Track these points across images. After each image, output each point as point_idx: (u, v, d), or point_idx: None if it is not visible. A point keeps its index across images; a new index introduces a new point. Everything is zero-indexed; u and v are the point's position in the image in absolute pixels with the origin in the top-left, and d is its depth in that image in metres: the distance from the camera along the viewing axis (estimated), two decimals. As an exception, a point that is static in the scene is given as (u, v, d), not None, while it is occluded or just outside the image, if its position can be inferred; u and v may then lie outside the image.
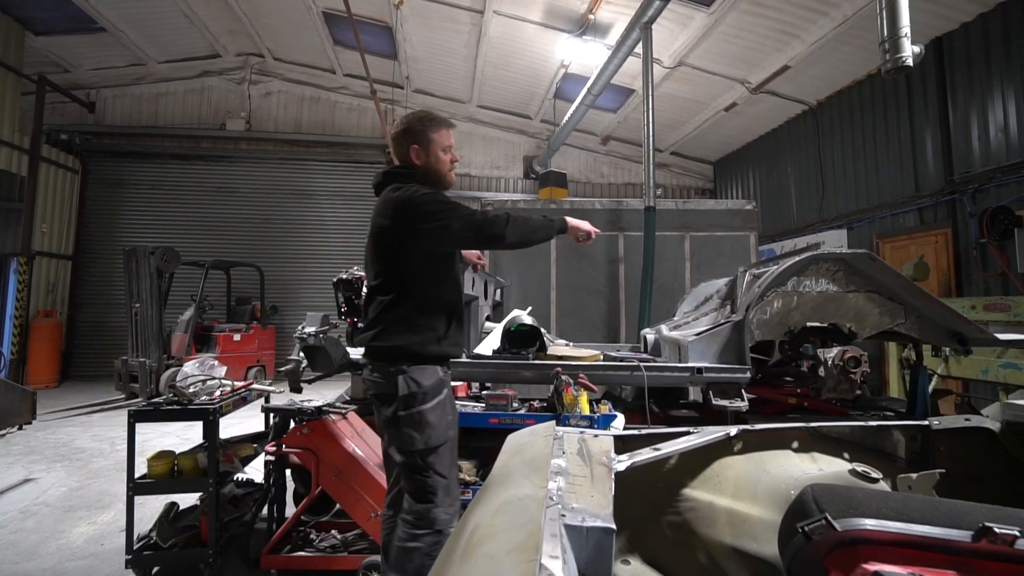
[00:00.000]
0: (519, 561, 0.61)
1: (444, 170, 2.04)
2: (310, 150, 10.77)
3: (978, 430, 1.22)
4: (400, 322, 1.86)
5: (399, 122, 2.05)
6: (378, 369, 1.87)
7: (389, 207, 1.87)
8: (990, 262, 5.74)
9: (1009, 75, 5.65)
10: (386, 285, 1.90)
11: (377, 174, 2.07)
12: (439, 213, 1.83)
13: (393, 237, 1.86)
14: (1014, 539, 0.70)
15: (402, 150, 2.01)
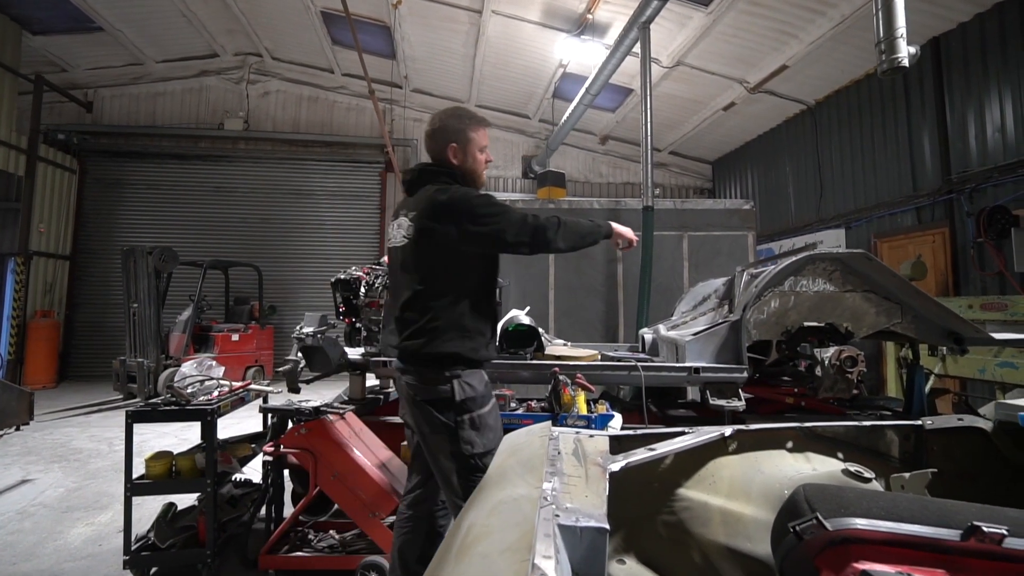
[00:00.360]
0: (512, 561, 0.61)
1: (480, 170, 2.00)
2: (308, 150, 10.77)
3: (971, 430, 1.23)
4: (454, 328, 1.82)
5: (436, 118, 1.98)
6: (429, 375, 1.82)
7: (438, 209, 1.81)
8: (987, 261, 5.76)
9: (1006, 75, 5.66)
10: (435, 289, 1.84)
11: (411, 171, 2.00)
12: (493, 216, 1.80)
13: (443, 239, 1.81)
14: (1002, 538, 0.71)
15: (437, 148, 1.95)
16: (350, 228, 10.83)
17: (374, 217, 10.91)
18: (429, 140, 1.96)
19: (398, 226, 1.96)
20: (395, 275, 2.00)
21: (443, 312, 1.82)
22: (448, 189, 1.85)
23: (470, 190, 1.89)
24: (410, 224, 1.88)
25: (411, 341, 1.84)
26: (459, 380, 1.80)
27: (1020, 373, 4.54)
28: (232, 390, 2.99)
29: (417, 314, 1.85)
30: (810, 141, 8.67)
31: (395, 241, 1.97)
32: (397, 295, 1.97)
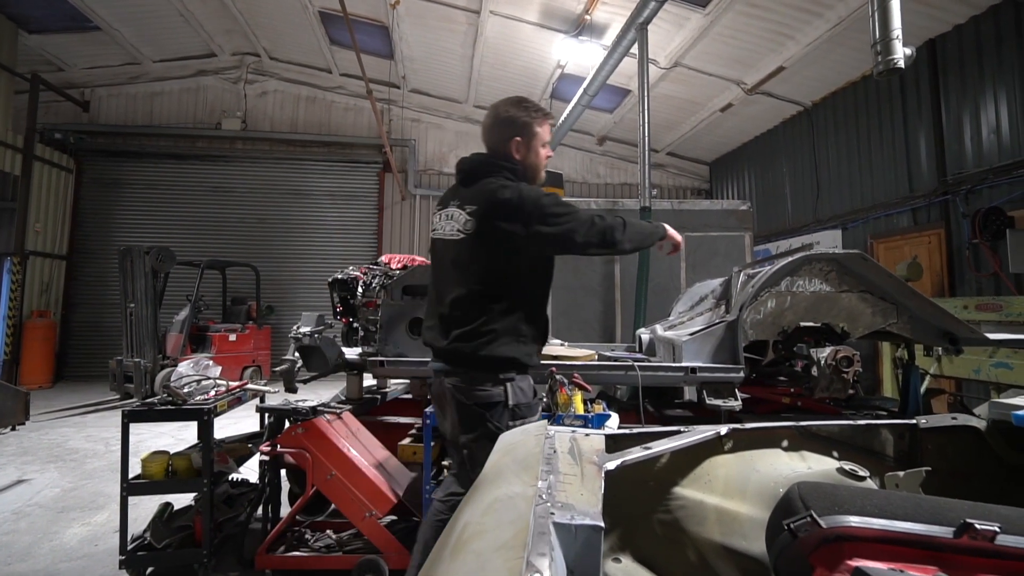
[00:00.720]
0: (507, 558, 0.61)
1: (542, 166, 1.93)
2: (306, 150, 10.76)
3: (965, 429, 1.23)
4: (511, 332, 1.76)
5: (500, 108, 1.88)
6: (481, 378, 1.75)
7: (505, 207, 1.72)
8: (982, 262, 5.79)
9: (1001, 77, 5.69)
10: (493, 291, 1.76)
11: (469, 161, 1.89)
12: (564, 216, 1.73)
13: (508, 239, 1.72)
14: (994, 535, 0.72)
15: (499, 140, 1.85)
16: (348, 228, 10.83)
17: (372, 217, 10.91)
18: (490, 131, 1.88)
19: (448, 217, 1.85)
20: (443, 269, 1.88)
21: (500, 316, 1.75)
22: (514, 187, 1.76)
23: (537, 189, 1.81)
24: (468, 219, 1.77)
25: (464, 343, 1.75)
26: (512, 384, 1.76)
27: (1015, 373, 4.56)
28: (229, 390, 2.98)
29: (471, 315, 1.76)
30: (807, 142, 8.69)
31: (444, 233, 1.85)
32: (444, 291, 1.85)
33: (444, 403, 1.87)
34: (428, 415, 2.56)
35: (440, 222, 1.91)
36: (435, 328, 1.87)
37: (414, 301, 3.06)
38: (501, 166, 1.82)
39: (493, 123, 1.87)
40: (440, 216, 1.92)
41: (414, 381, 3.04)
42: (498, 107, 1.89)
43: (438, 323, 1.86)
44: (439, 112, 11.15)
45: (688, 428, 1.23)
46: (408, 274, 3.10)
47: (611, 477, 1.02)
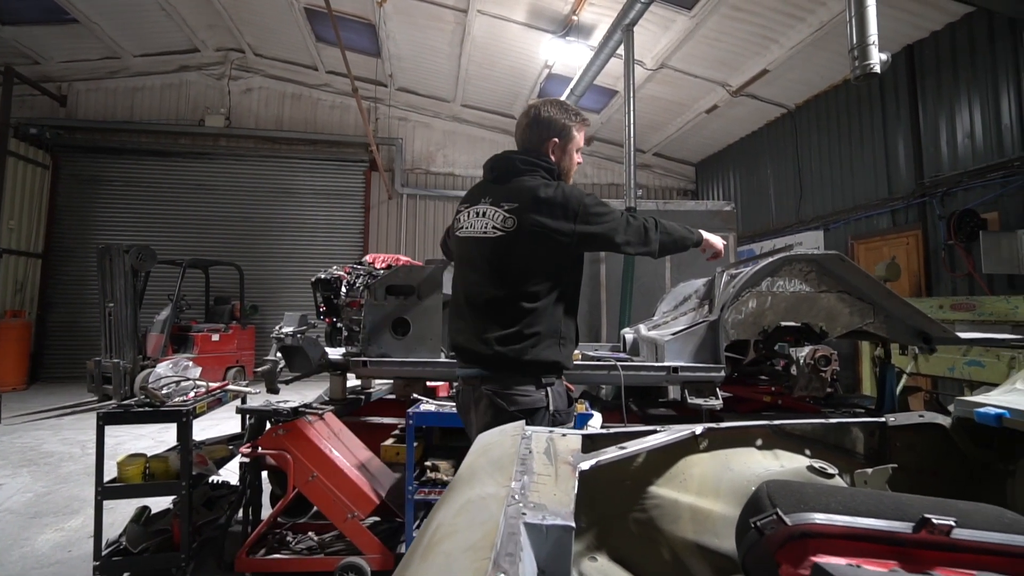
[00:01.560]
0: (474, 559, 0.62)
1: (574, 170, 1.92)
2: (292, 148, 10.65)
3: (931, 426, 1.26)
4: (553, 334, 1.72)
5: (540, 108, 1.84)
6: (522, 382, 1.69)
7: (550, 206, 1.68)
8: (957, 263, 5.93)
9: (975, 83, 5.83)
10: (533, 291, 1.71)
11: (503, 159, 1.84)
12: (606, 215, 1.73)
13: (552, 238, 1.68)
14: (950, 529, 0.74)
15: (536, 140, 1.83)
16: (334, 227, 10.74)
17: (358, 216, 10.83)
18: (527, 130, 1.85)
19: (480, 215, 1.78)
20: (475, 269, 1.81)
21: (542, 317, 1.71)
22: (556, 185, 1.75)
23: (578, 188, 1.79)
24: (508, 216, 1.71)
25: (508, 347, 1.68)
26: (552, 388, 1.72)
27: (987, 371, 4.67)
28: (209, 391, 2.94)
29: (513, 317, 1.70)
30: (790, 144, 8.82)
31: (475, 231, 1.79)
32: (477, 291, 1.78)
33: (477, 411, 1.77)
34: (411, 415, 2.56)
35: (468, 219, 1.83)
36: (467, 331, 1.79)
37: (398, 301, 3.04)
38: (538, 165, 1.79)
39: (531, 122, 1.84)
40: (468, 214, 1.83)
41: (397, 382, 3.02)
42: (539, 107, 1.85)
43: (472, 325, 1.78)
44: (427, 111, 11.10)
45: (664, 428, 1.24)
46: (392, 274, 3.09)
47: (588, 477, 1.03)
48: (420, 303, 3.03)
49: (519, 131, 1.89)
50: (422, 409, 2.61)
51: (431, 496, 2.50)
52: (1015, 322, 4.69)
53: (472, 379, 1.79)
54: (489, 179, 1.87)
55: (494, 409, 1.70)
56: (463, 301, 1.85)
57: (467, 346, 1.79)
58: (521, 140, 1.88)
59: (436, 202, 11.15)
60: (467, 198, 1.91)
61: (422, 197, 11.09)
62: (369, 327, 3.01)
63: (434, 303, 3.04)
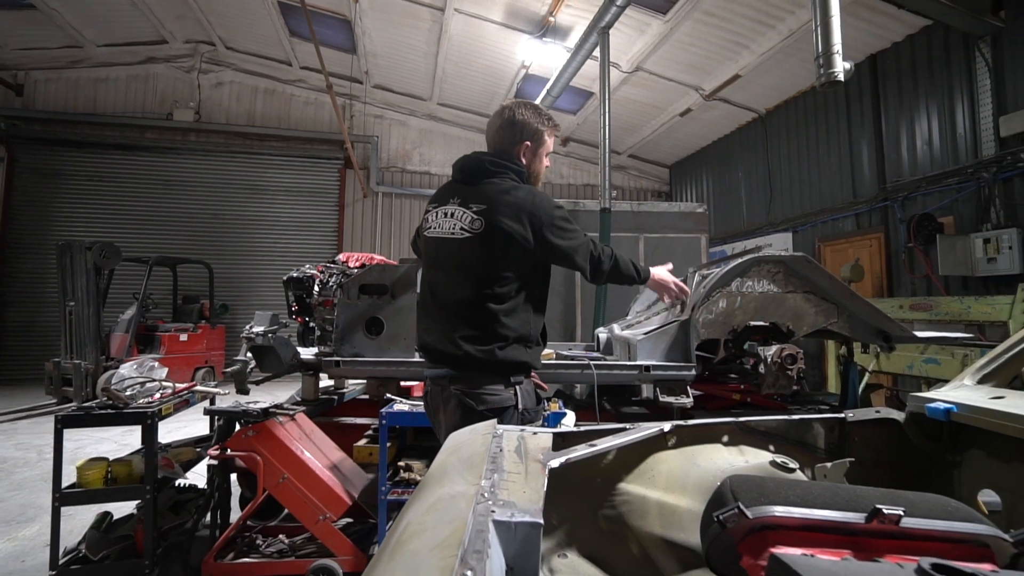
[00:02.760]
0: (441, 556, 0.62)
1: (542, 174, 1.93)
2: (264, 144, 10.40)
3: (887, 421, 1.32)
4: (521, 335, 1.74)
5: (512, 111, 1.84)
6: (492, 382, 1.71)
7: (517, 209, 1.69)
8: (916, 265, 6.18)
9: (932, 92, 6.09)
10: (502, 292, 1.72)
11: (472, 159, 1.83)
12: (571, 232, 1.75)
13: (515, 241, 1.69)
14: (899, 518, 0.77)
15: (508, 142, 1.83)
16: (307, 225, 10.54)
17: (332, 214, 10.66)
18: (499, 132, 1.84)
19: (447, 215, 1.78)
20: (442, 269, 1.82)
21: (510, 317, 1.72)
22: (527, 189, 1.76)
23: (549, 196, 1.80)
24: (476, 217, 1.71)
25: (474, 347, 1.69)
26: (521, 387, 1.74)
27: (943, 368, 4.89)
28: (176, 392, 2.86)
29: (481, 317, 1.71)
30: (761, 148, 9.05)
31: (442, 231, 1.79)
32: (445, 292, 1.79)
33: (446, 411, 1.77)
34: (384, 415, 2.54)
35: (437, 219, 1.82)
36: (436, 330, 1.79)
37: (371, 301, 3.01)
38: (507, 167, 1.79)
39: (504, 124, 1.84)
40: (437, 214, 1.83)
41: (370, 382, 2.99)
42: (512, 109, 1.85)
43: (440, 325, 1.78)
44: (403, 109, 11.00)
45: (634, 425, 1.27)
46: (365, 273, 3.05)
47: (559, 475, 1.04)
48: (394, 302, 3.00)
49: (491, 132, 1.88)
50: (395, 409, 2.59)
51: (404, 496, 2.48)
52: (968, 321, 4.92)
53: (440, 379, 1.79)
54: (458, 179, 1.86)
55: (463, 409, 1.71)
56: (431, 301, 1.85)
57: (436, 346, 1.79)
58: (493, 141, 1.88)
59: (412, 201, 11.06)
60: (436, 198, 1.90)
61: (398, 195, 10.98)
62: (342, 326, 2.97)
63: (408, 302, 3.01)
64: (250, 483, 3.05)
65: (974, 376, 1.39)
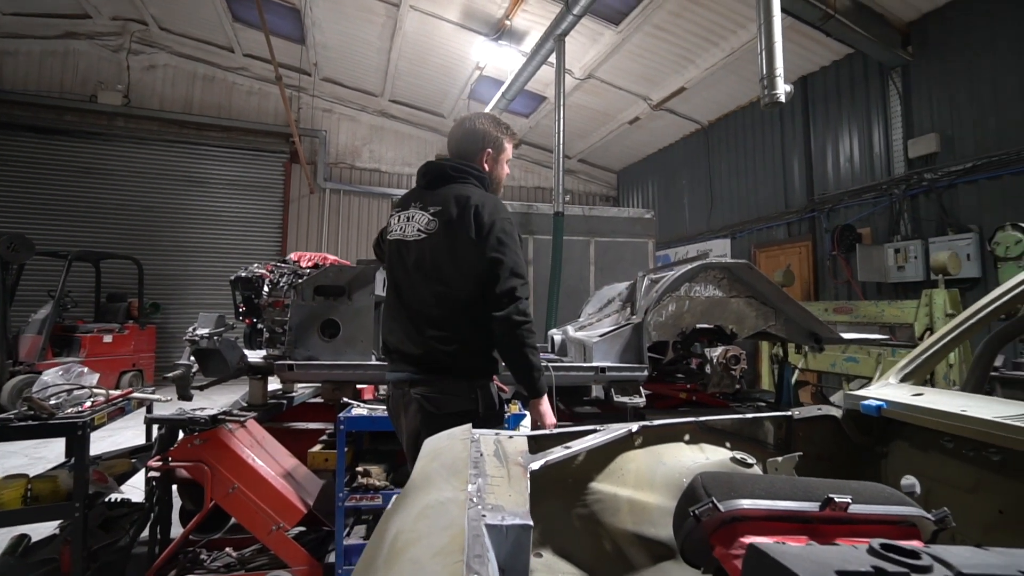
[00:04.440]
0: (445, 563, 0.63)
1: (503, 181, 1.99)
2: (203, 133, 9.77)
3: (827, 417, 1.45)
4: (483, 339, 1.75)
5: (472, 120, 1.92)
6: (455, 386, 1.72)
7: (467, 212, 1.72)
8: (839, 271, 6.73)
9: (853, 114, 6.67)
10: (464, 296, 1.73)
11: (436, 165, 1.87)
12: (507, 246, 1.72)
13: (464, 245, 1.72)
14: (848, 505, 0.87)
15: (469, 150, 1.89)
16: (249, 221, 10.01)
17: (276, 210, 10.19)
18: (462, 140, 1.90)
19: (409, 219, 1.82)
20: (405, 272, 1.83)
21: (472, 321, 1.74)
22: (480, 193, 1.79)
23: (504, 208, 1.82)
24: (431, 219, 1.76)
25: (436, 349, 1.71)
26: (483, 391, 1.75)
27: (860, 366, 5.37)
28: (109, 399, 2.65)
29: (441, 320, 1.73)
30: (703, 158, 9.54)
31: (404, 235, 1.83)
32: (408, 294, 1.81)
33: (406, 415, 1.77)
34: (342, 420, 2.48)
35: (398, 223, 1.87)
36: (399, 333, 1.81)
37: (327, 302, 2.93)
38: (468, 172, 1.85)
39: (465, 133, 1.90)
40: (399, 218, 1.88)
41: (325, 385, 2.91)
42: (472, 119, 1.93)
43: (403, 327, 1.80)
44: (353, 104, 10.70)
45: (603, 427, 1.32)
46: (320, 274, 2.96)
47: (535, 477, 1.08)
48: (351, 304, 2.94)
49: (453, 141, 1.94)
50: (354, 414, 2.53)
51: (363, 503, 2.44)
52: (882, 323, 5.42)
53: (402, 383, 1.79)
54: (421, 184, 1.91)
55: (423, 414, 1.72)
56: (395, 303, 1.88)
57: (398, 348, 1.81)
58: (456, 150, 1.93)
59: (361, 198, 10.79)
60: (400, 203, 1.95)
61: (346, 192, 10.67)
62: (295, 328, 2.87)
63: (365, 304, 2.96)
64: (193, 495, 2.88)
65: (897, 375, 1.55)
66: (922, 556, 0.66)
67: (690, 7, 6.52)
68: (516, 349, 1.71)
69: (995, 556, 0.70)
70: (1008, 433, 1.08)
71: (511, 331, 1.69)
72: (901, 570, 0.62)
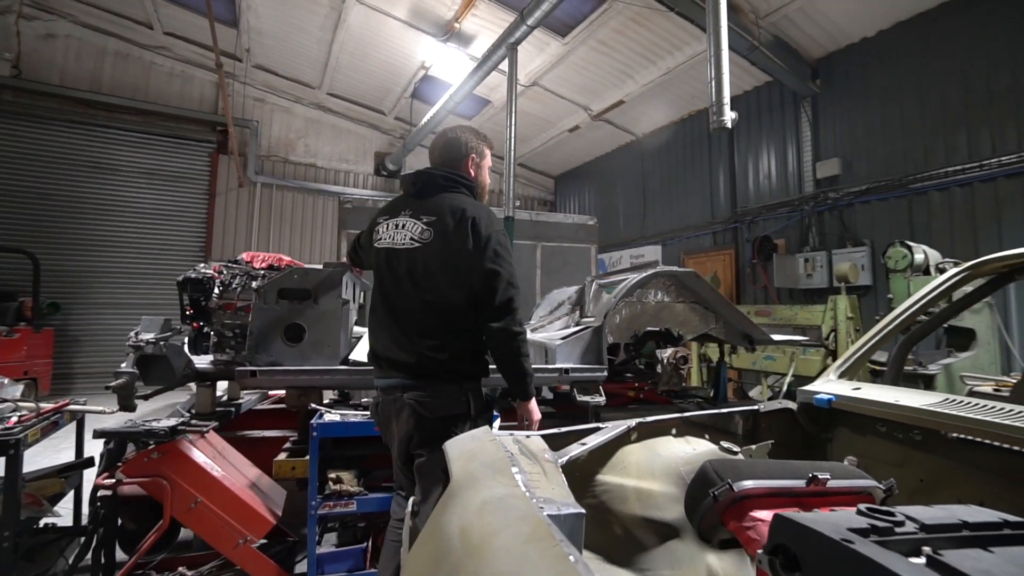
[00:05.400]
0: (542, 548, 0.72)
1: (487, 187, 2.04)
2: (113, 116, 8.81)
3: (785, 410, 1.68)
4: (474, 344, 1.82)
5: (451, 131, 1.98)
6: (447, 390, 1.77)
7: (464, 223, 1.78)
8: (758, 278, 7.43)
9: (772, 136, 7.41)
10: (455, 303, 1.79)
11: (425, 174, 1.91)
12: (503, 259, 1.81)
13: (459, 254, 1.78)
14: (827, 481, 1.06)
15: (454, 158, 1.94)
16: (169, 214, 9.17)
17: (201, 203, 9.44)
18: (444, 150, 1.95)
19: (399, 227, 1.85)
20: (394, 279, 1.85)
21: (463, 327, 1.80)
22: (474, 203, 1.86)
23: (497, 219, 1.90)
24: (425, 228, 1.80)
25: (429, 356, 1.76)
26: (473, 394, 1.80)
27: (776, 364, 5.99)
28: (40, 413, 2.41)
29: (433, 327, 1.78)
30: (638, 168, 10.10)
31: (393, 242, 1.86)
32: (397, 302, 1.84)
33: (399, 420, 1.81)
34: (315, 427, 2.44)
35: (388, 231, 1.88)
36: (388, 340, 1.84)
37: (291, 306, 2.85)
38: (458, 181, 1.90)
39: (448, 143, 1.95)
40: (388, 225, 1.89)
41: (290, 392, 2.83)
42: (453, 130, 1.99)
43: (394, 335, 1.83)
44: (288, 95, 10.17)
45: (604, 424, 1.46)
46: (285, 276, 2.87)
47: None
48: (317, 308, 2.87)
49: (436, 151, 1.99)
50: (327, 420, 2.50)
51: (336, 509, 2.41)
52: (795, 325, 6.07)
53: (393, 388, 1.82)
54: (411, 193, 1.94)
55: (416, 417, 1.77)
56: (383, 311, 1.89)
57: (388, 355, 1.83)
58: (441, 158, 1.98)
59: (296, 194, 10.29)
60: (386, 210, 1.97)
61: (279, 187, 10.13)
62: (257, 333, 2.76)
63: (332, 308, 2.91)
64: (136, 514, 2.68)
65: (836, 372, 1.83)
66: (896, 514, 0.85)
67: (633, 26, 6.91)
68: (513, 359, 1.80)
69: (939, 511, 0.90)
70: (931, 417, 1.34)
71: (508, 342, 1.77)
72: (886, 524, 0.80)
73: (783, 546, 0.79)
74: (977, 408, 1.25)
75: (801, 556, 0.75)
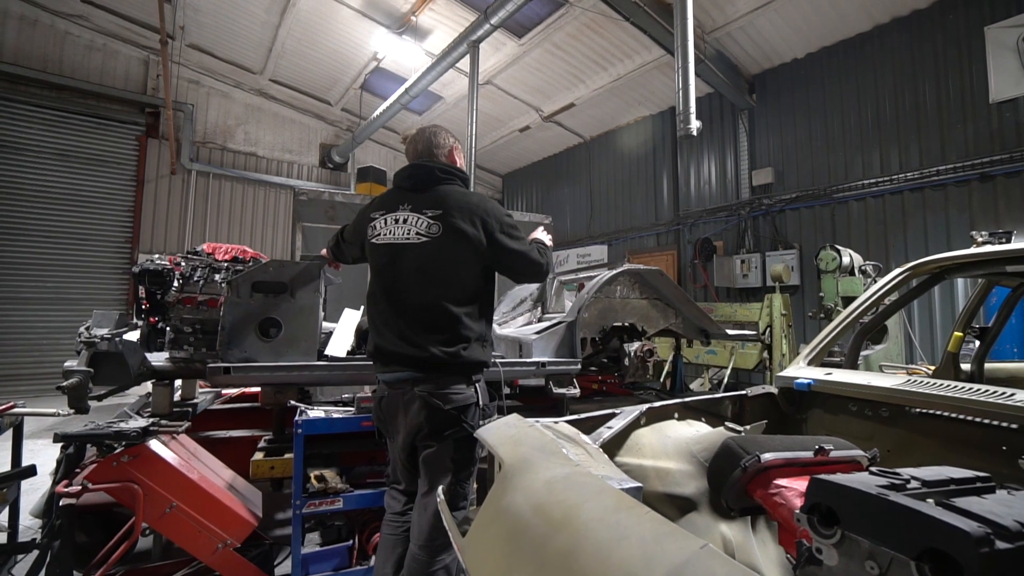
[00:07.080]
0: (637, 515, 0.79)
1: None
2: (17, 88, 7.81)
3: (767, 394, 1.87)
4: (480, 336, 1.86)
5: (424, 130, 2.02)
6: (455, 382, 1.80)
7: (470, 212, 1.82)
8: (699, 277, 7.93)
9: (712, 144, 7.92)
10: (462, 295, 1.83)
11: (420, 167, 1.94)
12: (519, 235, 1.90)
13: (471, 244, 1.81)
14: (830, 451, 1.21)
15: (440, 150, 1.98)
16: (89, 200, 8.27)
17: (127, 190, 8.62)
18: (427, 144, 1.98)
19: (400, 221, 1.86)
20: (398, 274, 1.86)
21: (470, 319, 1.84)
22: (476, 194, 1.91)
23: (495, 202, 1.96)
24: (432, 222, 1.82)
25: (439, 349, 1.78)
26: (479, 384, 1.84)
27: (718, 358, 6.44)
28: (-21, 418, 2.17)
29: (442, 320, 1.80)
30: (585, 169, 10.42)
31: (395, 237, 1.87)
32: (401, 297, 1.85)
33: (407, 412, 1.83)
34: (299, 424, 2.37)
35: (387, 226, 1.88)
36: (394, 336, 1.84)
37: (265, 299, 2.74)
38: (454, 174, 1.95)
39: (427, 139, 1.99)
40: (386, 220, 1.89)
41: (266, 389, 2.72)
42: (425, 129, 2.04)
43: (399, 330, 1.83)
44: (227, 79, 9.53)
45: (620, 410, 1.56)
46: (259, 269, 2.75)
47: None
48: (293, 302, 2.78)
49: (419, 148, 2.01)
50: (311, 417, 2.44)
51: (322, 508, 2.36)
52: (735, 321, 6.55)
53: (402, 382, 1.84)
54: (406, 187, 1.95)
55: (428, 409, 1.79)
56: (386, 306, 1.89)
57: (395, 350, 1.84)
58: (424, 154, 2.00)
59: (235, 183, 9.68)
60: (381, 205, 1.97)
61: (216, 176, 9.49)
62: (229, 328, 2.63)
63: (309, 302, 2.82)
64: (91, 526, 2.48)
65: (805, 360, 2.04)
66: (901, 474, 1.00)
67: (588, 32, 7.14)
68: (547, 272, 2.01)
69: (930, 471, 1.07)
70: (898, 395, 1.56)
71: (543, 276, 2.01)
72: (900, 481, 0.95)
73: (818, 505, 0.91)
74: (936, 387, 1.48)
75: (840, 510, 0.87)
